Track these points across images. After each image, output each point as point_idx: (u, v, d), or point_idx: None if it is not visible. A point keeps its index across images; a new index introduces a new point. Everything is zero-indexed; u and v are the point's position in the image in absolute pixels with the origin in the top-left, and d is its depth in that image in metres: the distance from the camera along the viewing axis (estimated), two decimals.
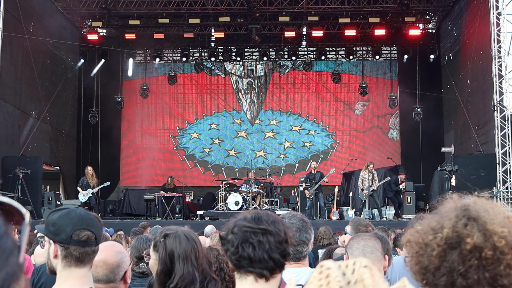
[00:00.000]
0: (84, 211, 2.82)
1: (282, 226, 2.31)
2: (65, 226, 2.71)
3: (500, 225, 1.75)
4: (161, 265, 2.99)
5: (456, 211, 1.81)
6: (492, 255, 1.71)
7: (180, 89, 27.11)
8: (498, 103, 17.58)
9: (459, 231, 1.75)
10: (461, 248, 1.73)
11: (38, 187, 18.94)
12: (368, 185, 18.74)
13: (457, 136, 22.61)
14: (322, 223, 14.67)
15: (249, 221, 2.28)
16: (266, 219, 2.29)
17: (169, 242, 3.03)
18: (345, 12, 23.67)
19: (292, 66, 26.85)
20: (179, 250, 3.00)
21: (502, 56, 17.80)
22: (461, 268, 1.72)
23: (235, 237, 2.27)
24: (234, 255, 2.27)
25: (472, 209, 1.81)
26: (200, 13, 23.96)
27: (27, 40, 19.81)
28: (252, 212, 2.33)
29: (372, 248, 3.55)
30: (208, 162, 26.79)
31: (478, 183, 17.50)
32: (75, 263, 2.72)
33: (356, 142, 26.77)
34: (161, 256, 3.00)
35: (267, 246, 2.23)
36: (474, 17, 20.27)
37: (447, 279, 1.74)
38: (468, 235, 1.74)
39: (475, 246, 1.72)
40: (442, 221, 1.80)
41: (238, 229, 2.28)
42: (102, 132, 25.72)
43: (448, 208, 1.86)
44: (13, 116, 19.48)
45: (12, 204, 1.04)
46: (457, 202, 1.86)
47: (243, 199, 20.08)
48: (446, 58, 24.51)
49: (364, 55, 27.15)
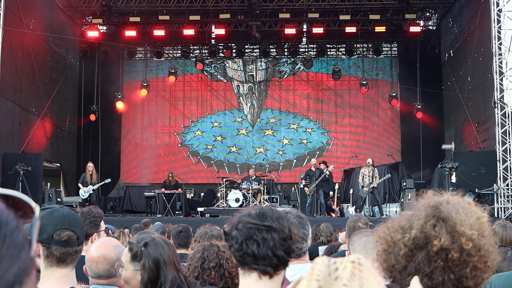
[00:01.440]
0: (68, 211, 2.80)
1: (287, 222, 2.29)
2: (46, 226, 2.70)
3: (470, 227, 1.75)
4: (147, 274, 2.92)
5: (427, 211, 1.80)
6: (458, 257, 1.72)
7: (181, 86, 27.12)
8: (499, 100, 17.57)
9: (427, 232, 1.75)
10: (427, 249, 1.74)
11: (39, 184, 18.91)
12: (368, 182, 18.75)
13: (458, 133, 22.61)
14: (322, 220, 14.68)
15: (253, 217, 2.27)
16: (271, 216, 2.28)
17: (151, 250, 2.97)
18: (346, 9, 23.65)
19: (290, 71, 26.90)
20: (164, 256, 2.97)
21: (503, 53, 17.78)
22: (427, 269, 1.72)
23: (239, 234, 2.26)
24: (238, 252, 2.26)
25: (443, 209, 1.80)
26: (201, 10, 23.94)
27: (27, 37, 19.79)
28: (257, 208, 2.31)
29: (373, 244, 3.54)
30: (211, 158, 26.98)
31: (479, 180, 17.52)
32: (56, 263, 2.72)
33: (356, 139, 26.77)
34: (146, 265, 2.93)
35: (271, 243, 2.22)
36: (475, 14, 20.25)
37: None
38: (435, 236, 1.73)
39: (442, 248, 1.72)
40: (411, 220, 1.80)
41: (242, 225, 2.27)
42: (102, 129, 25.72)
43: (420, 206, 1.85)
44: (14, 113, 19.48)
45: (22, 198, 1.04)
46: (430, 200, 1.85)
47: (243, 196, 20.09)
48: (447, 55, 24.51)
49: (365, 52, 27.13)
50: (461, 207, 1.81)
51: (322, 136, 26.96)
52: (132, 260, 3.02)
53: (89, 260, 3.18)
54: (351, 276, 1.02)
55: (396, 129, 26.65)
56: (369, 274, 1.04)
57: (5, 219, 0.92)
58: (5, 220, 0.92)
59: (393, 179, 21.84)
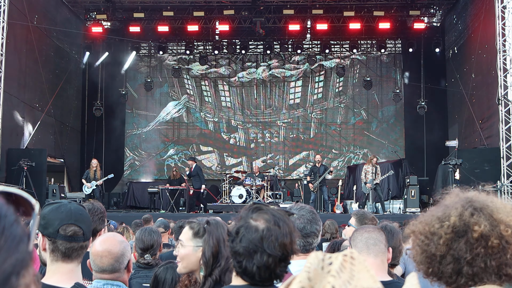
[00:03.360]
0: (75, 206, 2.81)
1: (291, 245, 2.27)
2: (53, 220, 2.71)
3: (507, 215, 1.77)
4: (211, 249, 3.10)
5: (462, 202, 1.82)
6: (498, 244, 1.73)
7: (184, 82, 27.14)
8: (503, 96, 17.55)
9: (466, 219, 1.77)
10: (467, 237, 1.75)
11: (43, 179, 18.98)
12: (371, 179, 18.75)
13: (461, 130, 22.58)
14: (325, 216, 14.70)
15: (258, 240, 2.23)
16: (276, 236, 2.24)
17: (214, 228, 3.15)
18: (350, 5, 23.62)
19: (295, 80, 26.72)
20: (224, 235, 3.10)
21: (507, 50, 17.74)
22: (467, 256, 1.73)
23: (241, 248, 2.26)
24: (238, 265, 2.29)
25: (476, 200, 1.82)
26: (205, 6, 23.94)
27: (31, 33, 19.83)
28: (264, 226, 2.26)
29: (375, 240, 3.56)
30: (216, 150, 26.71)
31: (482, 177, 17.46)
32: (61, 258, 2.73)
33: (359, 135, 26.73)
34: (209, 241, 3.11)
35: (272, 266, 2.23)
36: (479, 11, 20.21)
37: (453, 267, 1.76)
38: (475, 223, 1.75)
39: (482, 235, 1.73)
40: (448, 211, 1.82)
41: (246, 241, 2.25)
42: (106, 124, 25.75)
43: (451, 200, 1.87)
44: (18, 109, 19.52)
45: (22, 195, 1.06)
46: (460, 195, 1.88)
47: (247, 192, 20.13)
48: (451, 51, 24.47)
49: (369, 48, 27.10)
50: (491, 199, 1.84)
51: (329, 131, 26.76)
52: (194, 237, 3.32)
53: (93, 254, 3.20)
54: (340, 268, 1.02)
55: (400, 125, 26.62)
56: (362, 267, 1.04)
57: (4, 213, 0.94)
58: (4, 214, 0.94)
59: (397, 176, 21.84)
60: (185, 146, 26.74)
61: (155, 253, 5.15)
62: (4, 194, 1.03)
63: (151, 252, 5.10)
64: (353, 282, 1.02)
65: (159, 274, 4.20)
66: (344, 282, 1.01)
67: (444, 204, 1.87)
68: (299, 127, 26.23)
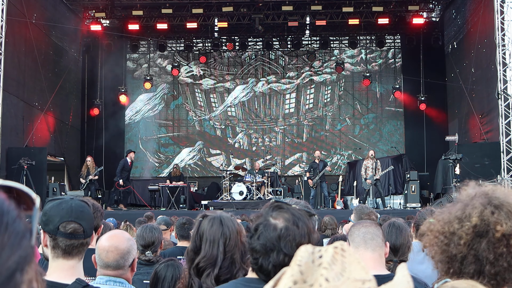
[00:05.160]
0: (77, 203, 2.80)
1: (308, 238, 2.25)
2: (53, 217, 2.72)
3: None
4: (191, 243, 3.08)
5: (480, 199, 1.79)
6: None
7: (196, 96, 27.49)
8: (502, 91, 17.56)
9: (487, 219, 1.74)
10: (489, 236, 1.72)
11: (43, 178, 18.98)
12: (371, 174, 18.77)
13: (461, 125, 22.58)
14: (326, 212, 14.71)
15: (276, 239, 2.22)
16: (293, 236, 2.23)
17: (203, 224, 3.10)
18: (349, 1, 23.58)
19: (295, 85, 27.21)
20: (208, 232, 3.06)
21: (506, 44, 17.75)
22: (490, 256, 1.71)
23: (259, 245, 2.24)
24: (254, 260, 2.27)
25: (494, 197, 1.79)
26: (203, 3, 23.90)
27: (30, 32, 19.81)
28: (283, 225, 2.24)
29: (372, 235, 3.57)
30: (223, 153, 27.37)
31: (483, 172, 17.50)
32: (62, 254, 2.74)
33: (359, 130, 26.82)
34: (193, 234, 3.08)
35: (286, 262, 2.18)
36: (478, 5, 20.20)
37: (475, 267, 1.73)
38: (497, 222, 1.72)
39: (504, 234, 1.71)
40: (467, 210, 1.79)
41: (264, 239, 2.23)
42: (106, 122, 25.72)
43: (467, 196, 1.84)
44: (17, 107, 19.51)
45: (22, 189, 1.06)
46: (476, 190, 1.85)
47: (247, 189, 20.13)
48: (450, 46, 24.45)
49: (368, 44, 27.09)
50: (510, 193, 1.81)
51: (328, 128, 27.25)
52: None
53: (99, 249, 3.19)
54: (332, 260, 1.02)
55: (400, 121, 26.65)
56: (353, 259, 1.04)
57: (6, 208, 0.93)
58: (6, 210, 0.93)
59: (397, 171, 21.84)
60: (195, 149, 27.50)
61: (156, 250, 5.16)
62: (5, 189, 1.03)
63: (152, 249, 5.10)
64: (345, 274, 1.01)
65: (159, 271, 4.20)
66: (336, 274, 1.01)
67: (462, 201, 1.84)
68: (293, 133, 27.42)
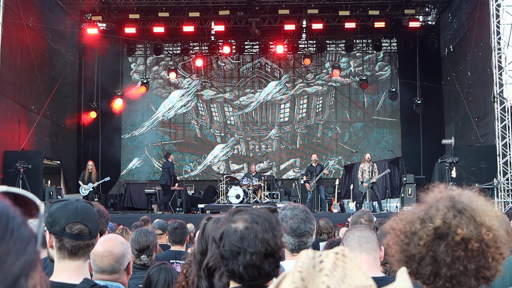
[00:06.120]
0: (82, 204, 2.82)
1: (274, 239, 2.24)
2: (59, 218, 2.73)
3: (489, 219, 1.76)
4: (197, 246, 3.04)
5: (444, 202, 1.80)
6: (478, 247, 1.72)
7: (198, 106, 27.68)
8: (498, 94, 17.59)
9: (449, 222, 1.75)
10: (448, 239, 1.73)
11: (39, 181, 18.93)
12: (368, 178, 18.78)
13: (458, 128, 22.62)
14: (323, 216, 14.70)
15: (239, 241, 2.22)
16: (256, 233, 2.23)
17: (208, 226, 3.07)
18: (345, 5, 23.64)
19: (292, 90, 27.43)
20: (213, 233, 3.06)
21: (502, 48, 17.80)
22: (448, 258, 1.72)
23: (225, 252, 2.24)
24: (225, 267, 2.27)
25: (459, 201, 1.80)
26: (200, 6, 23.93)
27: (26, 35, 19.79)
28: (243, 226, 2.25)
29: (367, 239, 3.59)
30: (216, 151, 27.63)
31: (479, 175, 17.54)
32: (68, 255, 2.75)
33: (356, 134, 26.88)
34: (198, 237, 3.05)
35: (257, 263, 2.20)
36: (474, 9, 20.24)
37: (432, 269, 1.75)
38: (458, 226, 1.73)
39: (464, 238, 1.72)
40: (430, 211, 1.80)
41: (228, 245, 2.24)
42: (102, 126, 25.71)
43: (432, 198, 1.85)
44: (13, 111, 19.49)
45: (27, 196, 1.08)
46: (442, 193, 1.85)
47: (244, 193, 20.12)
48: (446, 50, 24.50)
49: (364, 47, 27.14)
50: (474, 199, 1.82)
51: (325, 131, 27.40)
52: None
53: (94, 254, 3.20)
54: (333, 266, 1.02)
55: (396, 124, 26.70)
56: (353, 265, 1.04)
57: (12, 215, 0.95)
58: (12, 216, 0.94)
59: (394, 174, 21.87)
60: (198, 156, 27.76)
61: (151, 254, 5.14)
62: (10, 195, 1.04)
63: (147, 253, 5.09)
64: (346, 280, 1.01)
65: (152, 274, 4.20)
66: (337, 280, 1.01)
67: (426, 203, 1.85)
68: (287, 140, 27.80)
